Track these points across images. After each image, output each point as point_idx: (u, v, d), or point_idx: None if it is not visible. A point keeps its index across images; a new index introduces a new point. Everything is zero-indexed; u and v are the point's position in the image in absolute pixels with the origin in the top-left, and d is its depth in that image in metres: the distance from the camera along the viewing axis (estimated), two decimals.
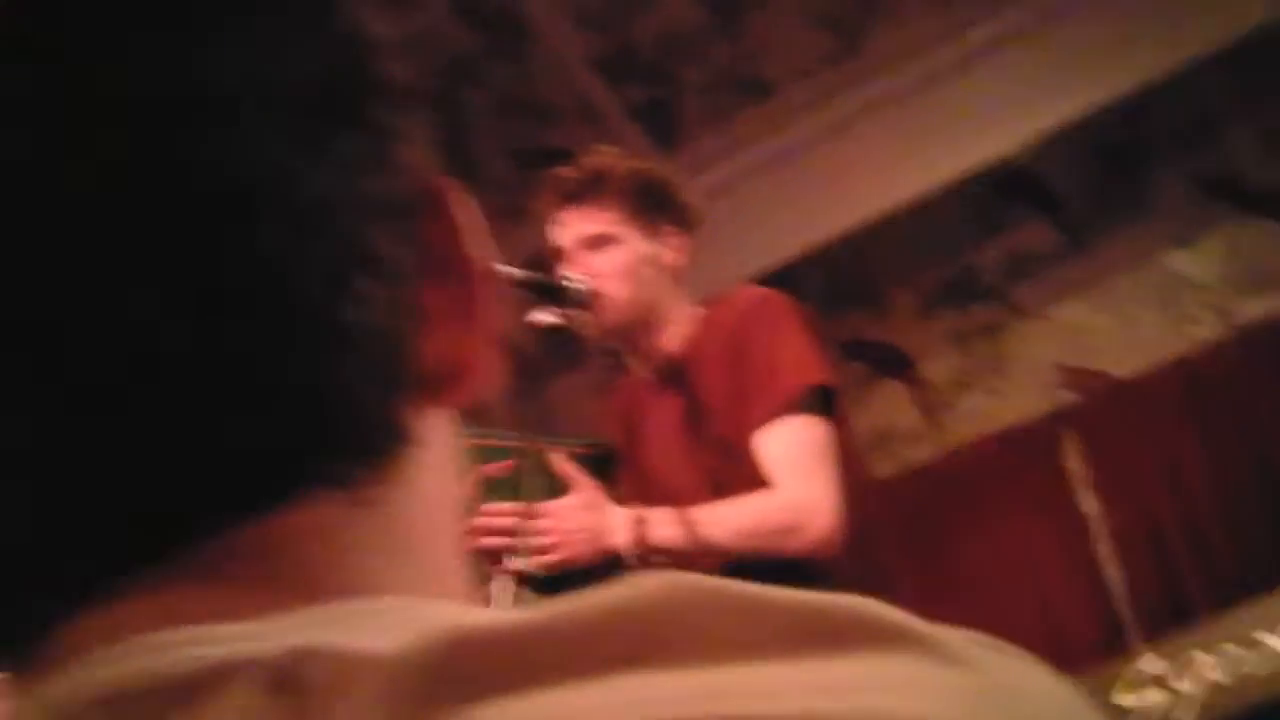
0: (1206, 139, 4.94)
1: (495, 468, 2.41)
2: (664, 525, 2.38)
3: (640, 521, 2.37)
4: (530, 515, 2.35)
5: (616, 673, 0.33)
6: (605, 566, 2.35)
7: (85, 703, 0.37)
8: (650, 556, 2.36)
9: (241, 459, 0.42)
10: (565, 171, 2.60)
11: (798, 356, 2.51)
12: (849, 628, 0.34)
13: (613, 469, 2.58)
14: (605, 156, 2.63)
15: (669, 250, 2.62)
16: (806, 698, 0.32)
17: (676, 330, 2.61)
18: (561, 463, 2.41)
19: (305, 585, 0.41)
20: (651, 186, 2.63)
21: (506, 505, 2.34)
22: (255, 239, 0.42)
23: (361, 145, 0.46)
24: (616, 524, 2.38)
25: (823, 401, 2.49)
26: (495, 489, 2.39)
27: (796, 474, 2.41)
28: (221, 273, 0.42)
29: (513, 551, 2.31)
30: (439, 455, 0.49)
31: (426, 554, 0.47)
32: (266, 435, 0.42)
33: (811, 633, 0.34)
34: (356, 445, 0.44)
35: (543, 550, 2.35)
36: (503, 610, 0.36)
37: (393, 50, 0.49)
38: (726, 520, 2.39)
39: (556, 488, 2.40)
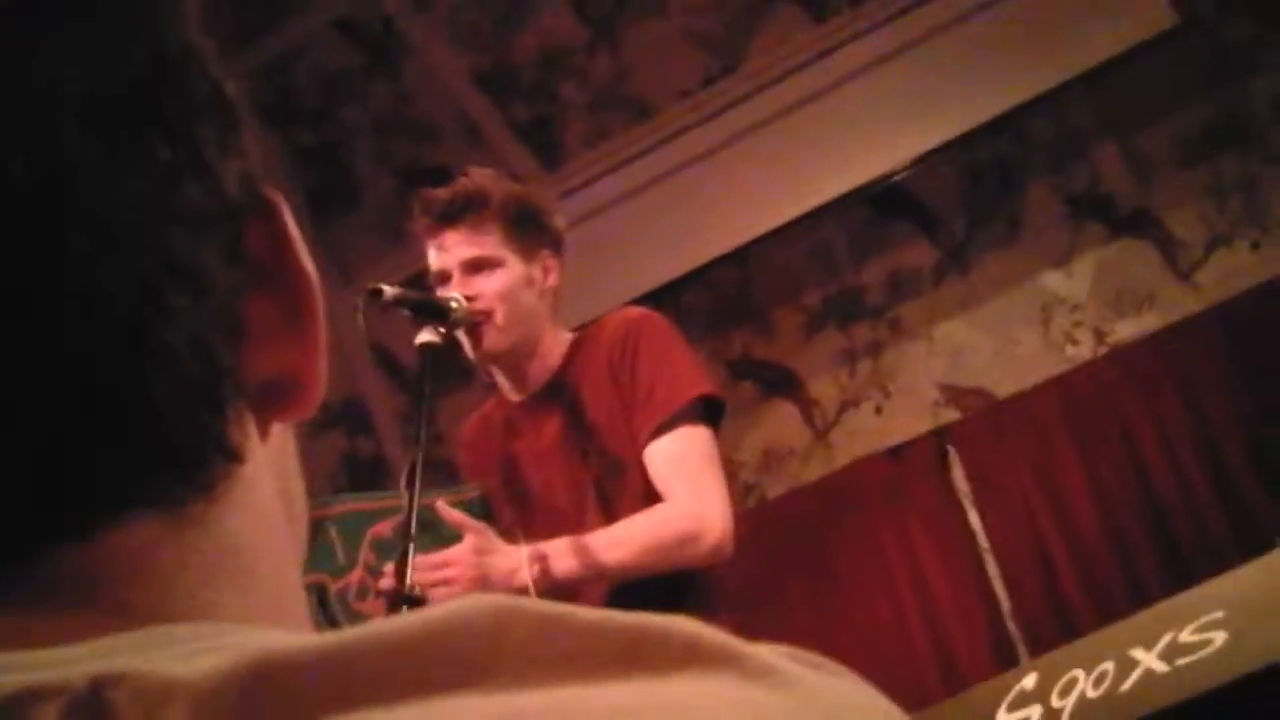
0: (1077, 159, 5.03)
1: (382, 528, 2.40)
2: (564, 557, 2.38)
3: (540, 557, 2.37)
4: (436, 566, 2.32)
5: (430, 695, 0.32)
6: None
7: None
8: (554, 589, 2.35)
9: (54, 481, 0.40)
10: (441, 192, 2.59)
11: (682, 369, 2.57)
12: (668, 649, 0.34)
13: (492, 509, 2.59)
14: (480, 178, 2.63)
15: (545, 273, 2.62)
16: (622, 715, 0.32)
17: (553, 352, 2.64)
18: (448, 511, 2.39)
19: (121, 609, 0.39)
20: (526, 210, 2.65)
21: (419, 558, 2.31)
22: (61, 250, 0.40)
23: (178, 155, 0.44)
24: (516, 563, 2.37)
25: (707, 412, 2.53)
26: (383, 548, 2.38)
27: (687, 483, 2.46)
28: (26, 285, 0.40)
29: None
30: (270, 470, 0.48)
31: (256, 573, 0.45)
32: (80, 456, 0.40)
33: (631, 654, 0.34)
34: (176, 464, 0.43)
35: (448, 599, 2.32)
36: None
37: (222, 61, 0.47)
38: (625, 540, 2.41)
39: (445, 538, 2.38)
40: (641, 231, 5.07)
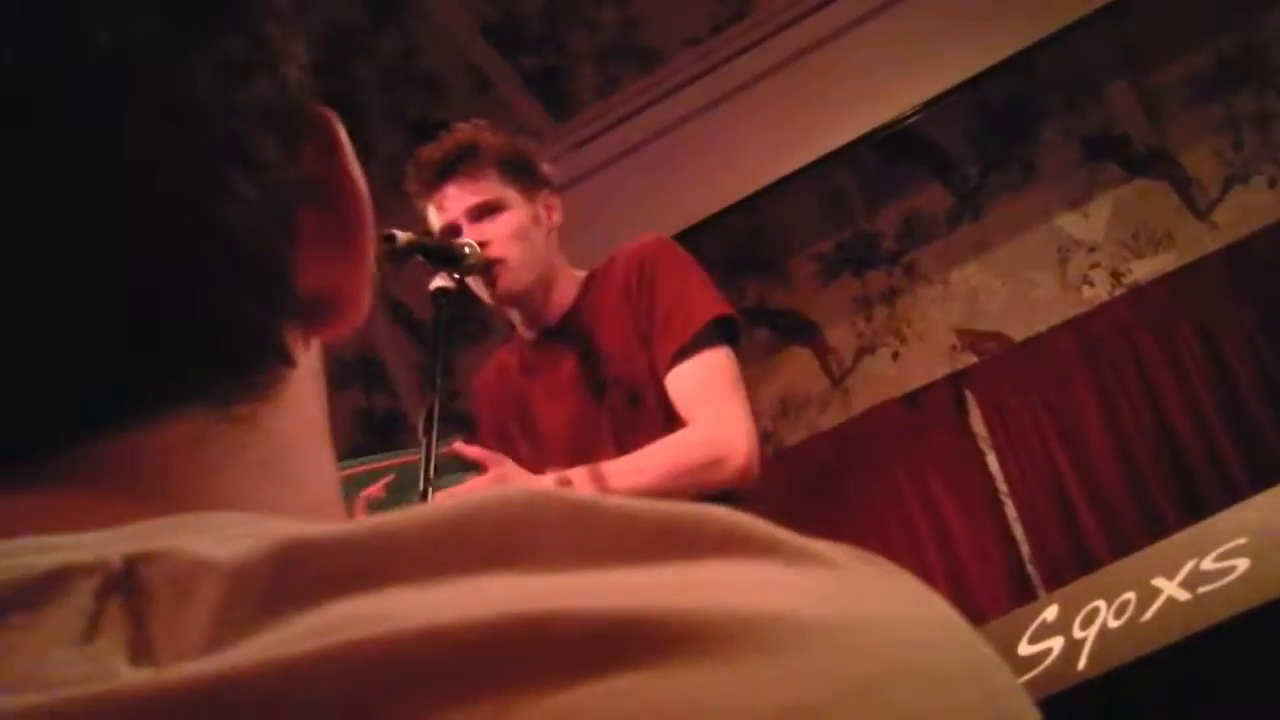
0: (1091, 100, 4.99)
1: (373, 490, 2.41)
2: (587, 483, 2.38)
3: (563, 483, 2.37)
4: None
5: (461, 575, 0.32)
6: None
7: None
8: None
9: (109, 367, 0.40)
10: (433, 149, 2.60)
11: (697, 291, 2.56)
12: (704, 535, 0.33)
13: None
14: (468, 130, 2.64)
15: (548, 211, 2.64)
16: (657, 595, 0.31)
17: (567, 288, 2.64)
18: (468, 447, 2.41)
19: (164, 497, 0.40)
20: (518, 154, 2.66)
21: (442, 493, 2.32)
22: (128, 129, 0.40)
23: (244, 50, 0.44)
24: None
25: (725, 333, 2.53)
26: (380, 507, 2.39)
27: (710, 407, 2.46)
28: (92, 162, 0.40)
29: None
30: (311, 380, 0.48)
31: (298, 473, 0.45)
32: (136, 343, 0.41)
33: (674, 541, 0.33)
34: (232, 362, 0.43)
35: None
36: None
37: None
38: (649, 465, 2.42)
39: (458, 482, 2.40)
40: (653, 181, 5.05)
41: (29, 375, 0.40)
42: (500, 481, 2.38)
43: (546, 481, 2.38)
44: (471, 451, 2.41)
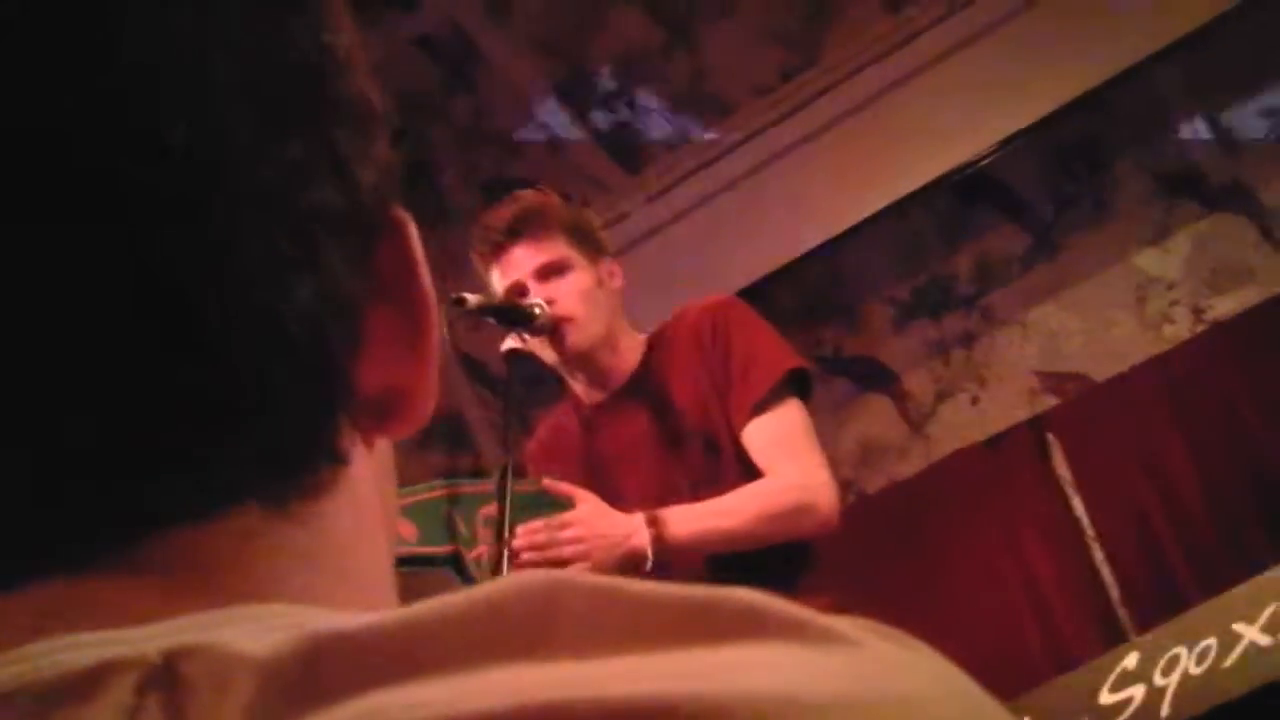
0: (1166, 135, 4.95)
1: (490, 509, 2.44)
2: (680, 522, 2.42)
3: (656, 521, 2.41)
4: (558, 527, 2.38)
5: (485, 665, 0.32)
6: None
7: None
8: (670, 554, 2.39)
9: (164, 466, 0.41)
10: (499, 212, 2.65)
11: (770, 346, 2.63)
12: (726, 618, 0.34)
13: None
14: (533, 194, 2.70)
15: (611, 275, 2.68)
16: (676, 681, 0.31)
17: (631, 350, 2.68)
18: (557, 484, 2.45)
19: (211, 592, 0.41)
20: (581, 219, 2.73)
21: (536, 522, 2.37)
22: (196, 231, 0.41)
23: (315, 153, 0.45)
24: (632, 526, 2.41)
25: (800, 385, 2.60)
26: (496, 526, 2.42)
27: (792, 457, 2.50)
28: (163, 257, 0.41)
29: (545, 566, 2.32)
30: (371, 473, 0.49)
31: (348, 567, 0.46)
32: (190, 444, 0.42)
33: (696, 624, 0.33)
34: (285, 463, 0.44)
35: (570, 560, 2.38)
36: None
37: (372, 75, 0.48)
38: (740, 509, 2.46)
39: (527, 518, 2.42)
40: (727, 231, 5.06)
41: (91, 469, 0.41)
42: (604, 514, 2.42)
43: (638, 518, 2.41)
44: (561, 488, 2.45)
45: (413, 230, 0.49)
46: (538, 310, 2.56)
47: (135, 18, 0.41)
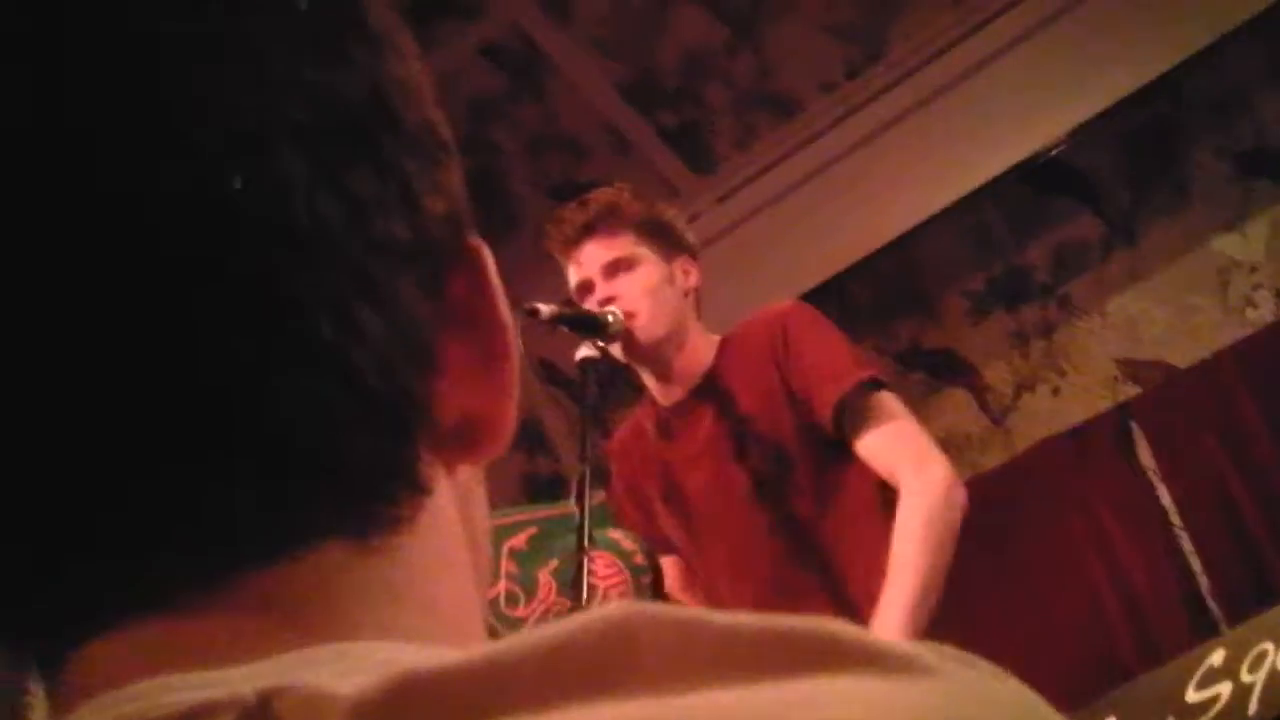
0: (1241, 117, 4.87)
1: (516, 541, 2.47)
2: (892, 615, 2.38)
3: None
4: None
5: (568, 703, 0.33)
6: None
7: None
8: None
9: (245, 507, 0.42)
10: (575, 209, 2.68)
11: (849, 349, 2.67)
12: (806, 649, 0.34)
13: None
14: (607, 192, 2.72)
15: (685, 274, 2.69)
16: (756, 715, 0.32)
17: (702, 351, 2.70)
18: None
19: (301, 629, 0.41)
20: (656, 217, 2.73)
21: None
22: (264, 265, 0.42)
23: (384, 186, 0.45)
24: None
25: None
26: (522, 559, 2.45)
27: (912, 455, 2.49)
28: (229, 299, 0.42)
29: None
30: (455, 500, 0.49)
31: (436, 598, 0.47)
32: (268, 483, 0.43)
33: (776, 656, 0.34)
34: (365, 496, 0.45)
35: None
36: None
37: (440, 103, 0.49)
38: (917, 558, 2.41)
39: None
40: (798, 229, 5.05)
41: (181, 512, 0.42)
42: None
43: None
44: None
45: (488, 258, 0.50)
46: (610, 319, 2.58)
47: (196, 58, 0.42)
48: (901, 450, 2.52)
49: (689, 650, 0.34)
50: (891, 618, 2.35)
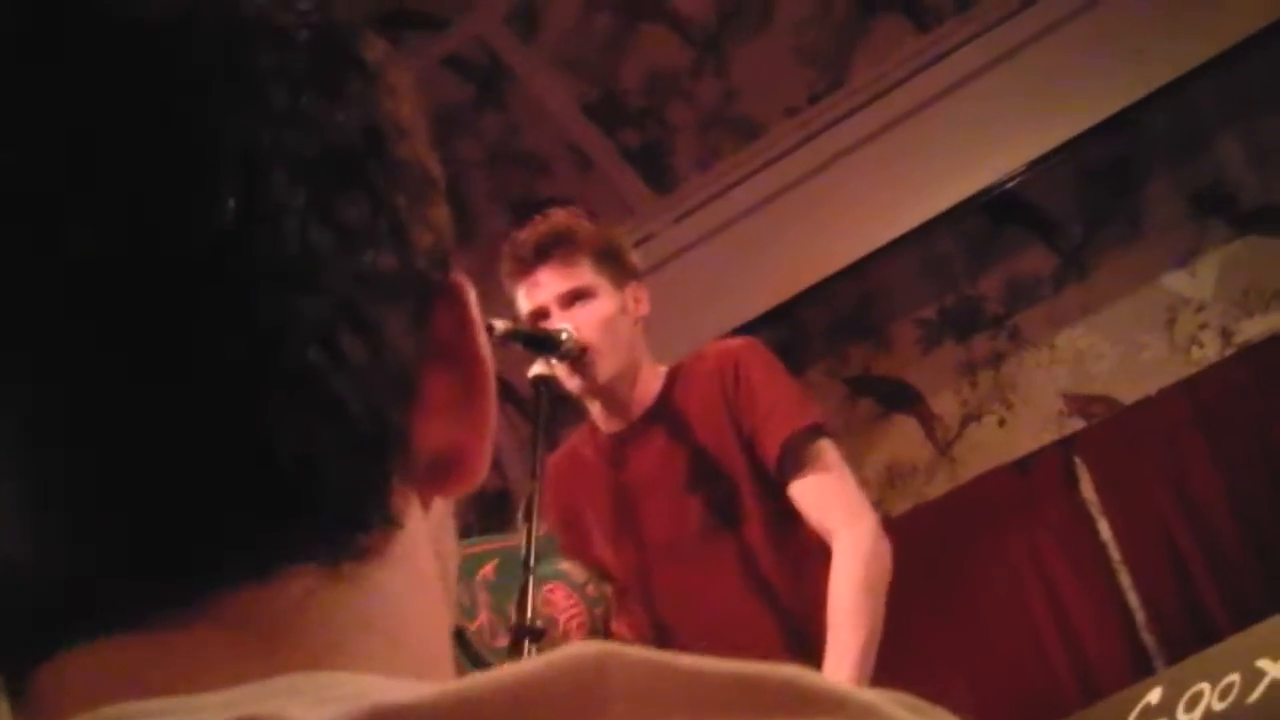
0: (1197, 155, 4.92)
1: (486, 570, 2.45)
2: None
3: None
4: None
5: None
6: None
7: None
8: None
9: (216, 531, 0.42)
10: (530, 232, 2.65)
11: (799, 392, 2.68)
12: (772, 694, 0.34)
13: None
14: (564, 216, 2.69)
15: (636, 302, 2.68)
16: None
17: (651, 380, 2.68)
18: None
19: (269, 656, 0.41)
20: (610, 244, 2.71)
21: None
22: (250, 292, 0.43)
23: (374, 219, 0.46)
24: None
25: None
26: (494, 589, 2.43)
27: (843, 507, 2.49)
28: (213, 323, 0.42)
29: None
30: (428, 534, 0.49)
31: (405, 629, 0.47)
32: (242, 508, 0.43)
33: (744, 699, 0.34)
34: (337, 525, 0.45)
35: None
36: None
37: (430, 140, 0.50)
38: (853, 620, 2.43)
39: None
40: (755, 251, 5.05)
41: (153, 531, 0.42)
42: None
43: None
44: None
45: (470, 293, 0.50)
46: (564, 336, 2.57)
47: (189, 85, 0.43)
48: (834, 502, 2.54)
49: (659, 691, 0.34)
50: (842, 670, 2.37)
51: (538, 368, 2.56)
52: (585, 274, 2.64)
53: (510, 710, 0.34)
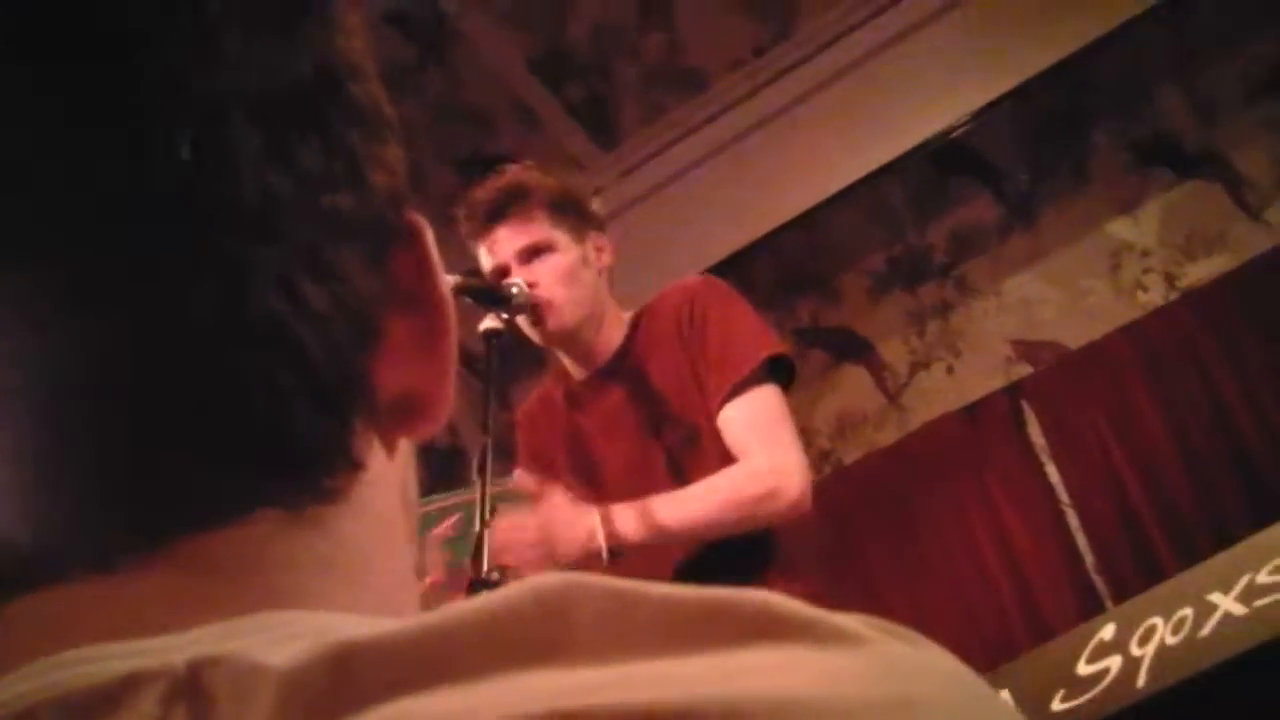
0: (1140, 105, 4.96)
1: (442, 529, 2.44)
2: (639, 517, 2.40)
3: (613, 518, 2.40)
4: (517, 530, 2.36)
5: (506, 671, 0.33)
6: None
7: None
8: (631, 550, 2.38)
9: (179, 475, 0.42)
10: (484, 191, 2.63)
11: (750, 331, 2.59)
12: (740, 620, 0.34)
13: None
14: (518, 172, 2.66)
15: (598, 252, 2.66)
16: (692, 686, 0.32)
17: (615, 328, 2.67)
18: (525, 479, 2.43)
19: (232, 598, 0.41)
20: (567, 196, 2.69)
21: (501, 521, 2.35)
22: (208, 235, 0.42)
23: (331, 161, 0.45)
24: (591, 525, 2.40)
25: (777, 371, 2.56)
26: (453, 546, 2.42)
27: (763, 442, 2.48)
28: (172, 265, 0.42)
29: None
30: (389, 481, 0.49)
31: (369, 572, 0.46)
32: (204, 452, 0.42)
33: (711, 628, 0.34)
34: (300, 468, 0.44)
35: (528, 566, 2.37)
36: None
37: (382, 81, 0.49)
38: (703, 498, 2.44)
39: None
40: (703, 204, 5.06)
41: (113, 474, 0.42)
42: (553, 514, 2.41)
43: (595, 516, 2.40)
44: (528, 485, 2.44)
45: (429, 234, 0.50)
46: (515, 290, 2.56)
47: (140, 30, 0.42)
48: (763, 436, 2.51)
49: (626, 620, 0.34)
50: (633, 510, 2.38)
51: (488, 322, 2.55)
52: (542, 228, 2.62)
53: (475, 643, 0.34)
